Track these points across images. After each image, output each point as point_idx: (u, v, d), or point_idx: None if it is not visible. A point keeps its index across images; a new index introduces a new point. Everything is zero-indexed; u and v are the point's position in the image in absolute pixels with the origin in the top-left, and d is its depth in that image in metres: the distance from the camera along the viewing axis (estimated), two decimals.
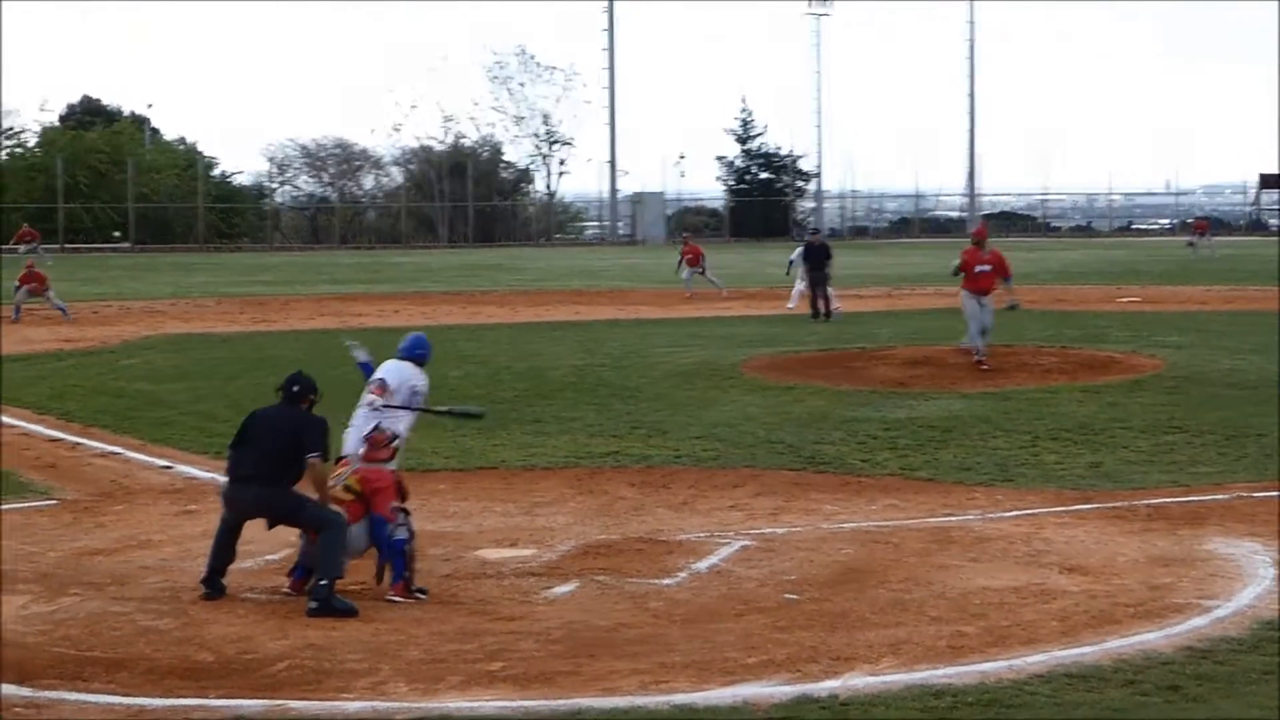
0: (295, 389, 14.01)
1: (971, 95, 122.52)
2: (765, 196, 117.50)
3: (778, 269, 51.46)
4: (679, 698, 10.86)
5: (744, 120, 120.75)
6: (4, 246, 78.56)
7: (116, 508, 17.88)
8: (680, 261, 54.52)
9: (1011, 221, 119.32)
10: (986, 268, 29.98)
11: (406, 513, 14.00)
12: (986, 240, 31.01)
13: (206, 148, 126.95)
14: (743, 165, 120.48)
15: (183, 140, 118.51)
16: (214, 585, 13.70)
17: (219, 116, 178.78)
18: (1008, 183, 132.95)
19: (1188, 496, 17.73)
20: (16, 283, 45.48)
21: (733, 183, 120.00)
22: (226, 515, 13.95)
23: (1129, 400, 25.38)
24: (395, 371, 15.41)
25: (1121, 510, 17.04)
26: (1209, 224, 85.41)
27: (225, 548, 13.83)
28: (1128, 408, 24.46)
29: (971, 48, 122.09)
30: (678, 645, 12.13)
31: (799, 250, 46.66)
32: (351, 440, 14.71)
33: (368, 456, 14.18)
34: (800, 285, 46.11)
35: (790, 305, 45.72)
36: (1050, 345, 33.25)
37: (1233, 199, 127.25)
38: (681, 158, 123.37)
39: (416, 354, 15.75)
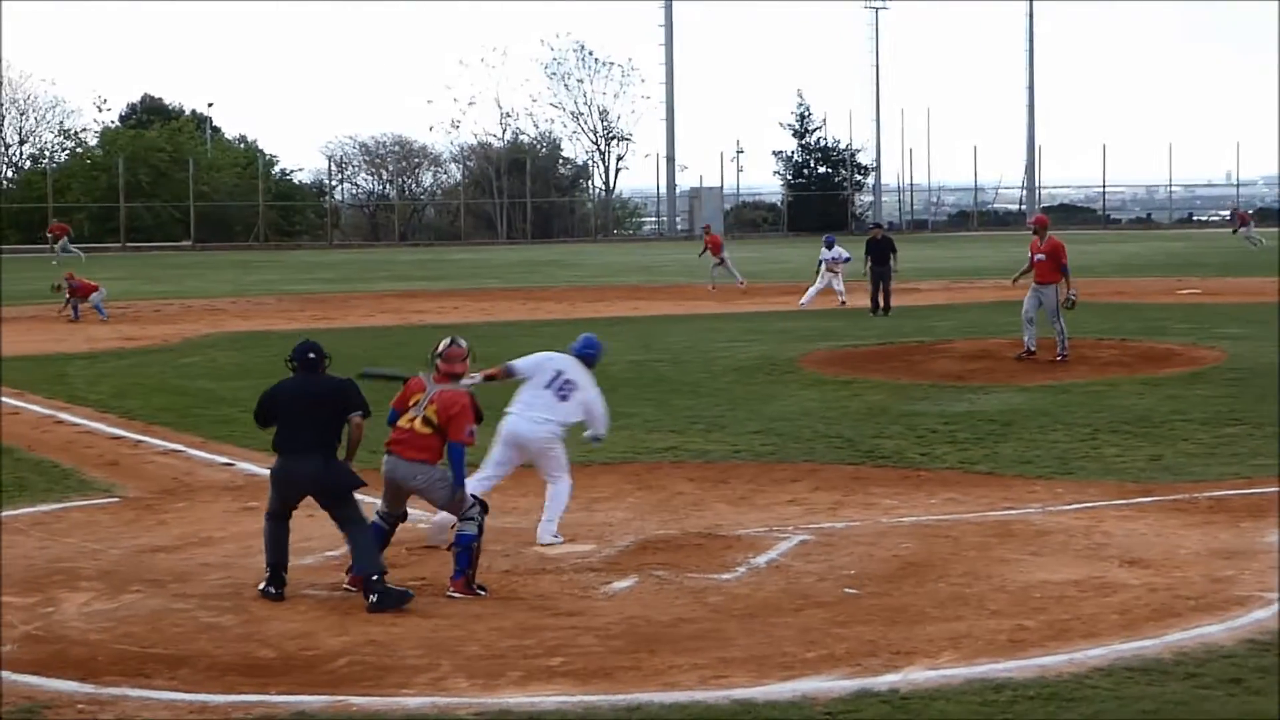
0: (312, 356, 14.02)
1: (1031, 88, 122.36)
2: (823, 191, 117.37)
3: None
4: (738, 692, 10.85)
5: (801, 114, 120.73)
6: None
7: (178, 505, 17.98)
8: (705, 250, 55.35)
9: (1071, 214, 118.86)
10: (1041, 257, 29.92)
11: (484, 509, 13.97)
12: (1044, 229, 30.85)
13: (266, 146, 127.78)
14: (800, 160, 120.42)
15: (243, 138, 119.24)
16: (278, 582, 13.69)
17: (278, 115, 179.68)
18: (1067, 175, 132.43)
19: (1249, 489, 17.62)
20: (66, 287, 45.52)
21: (790, 177, 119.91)
22: (275, 502, 13.91)
23: (1189, 392, 25.26)
24: (533, 358, 16.17)
25: (1182, 503, 16.96)
26: (1249, 215, 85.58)
27: (281, 539, 13.78)
28: (1188, 400, 24.35)
29: (1030, 39, 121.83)
30: (737, 640, 12.13)
31: (822, 251, 46.71)
32: (534, 429, 15.66)
33: (444, 371, 14.09)
34: (820, 283, 46.08)
35: (802, 302, 45.66)
36: (1110, 338, 33.14)
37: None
38: (740, 152, 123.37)
39: (586, 353, 16.23)
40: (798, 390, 26.79)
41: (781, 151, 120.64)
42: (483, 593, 13.59)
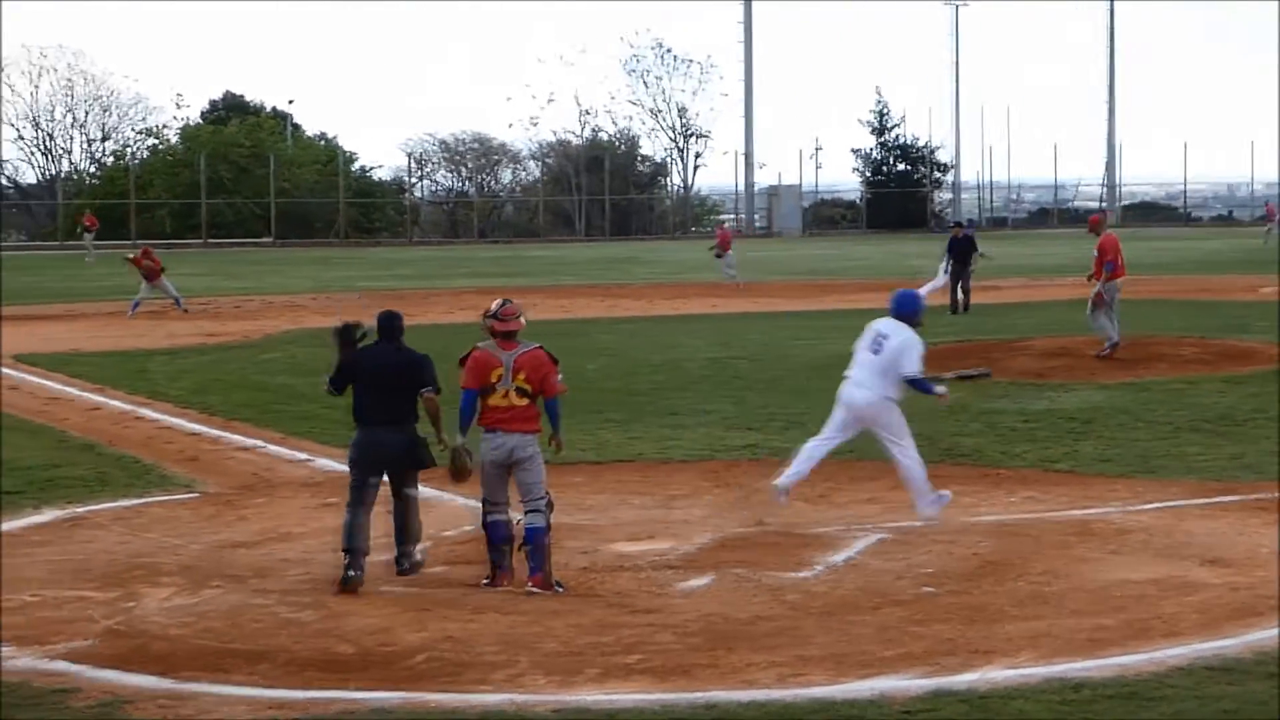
0: (395, 324, 14.30)
1: (1111, 85, 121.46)
2: (902, 188, 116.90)
3: (919, 260, 51.14)
4: (816, 691, 10.84)
5: (880, 112, 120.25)
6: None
7: (257, 501, 18.08)
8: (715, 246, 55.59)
9: (1152, 211, 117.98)
10: (1095, 254, 30.12)
11: (550, 504, 13.96)
12: (1098, 227, 31.04)
13: (346, 143, 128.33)
14: (879, 157, 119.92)
15: (323, 135, 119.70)
16: (357, 566, 13.76)
17: (358, 113, 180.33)
18: (1148, 172, 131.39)
19: None
20: (139, 270, 45.56)
21: (869, 174, 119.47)
22: (357, 482, 14.06)
23: (1271, 391, 25.03)
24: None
25: (1264, 502, 16.82)
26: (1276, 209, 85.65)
27: (363, 527, 13.90)
28: (1270, 398, 24.13)
29: (1111, 35, 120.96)
30: (814, 638, 12.12)
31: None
32: (862, 394, 16.55)
33: (501, 331, 13.98)
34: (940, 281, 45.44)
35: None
36: (1190, 335, 32.90)
37: None
38: (818, 149, 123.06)
39: (898, 308, 16.77)
40: None
41: (860, 149, 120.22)
42: (560, 589, 13.59)
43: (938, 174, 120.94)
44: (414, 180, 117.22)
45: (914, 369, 16.47)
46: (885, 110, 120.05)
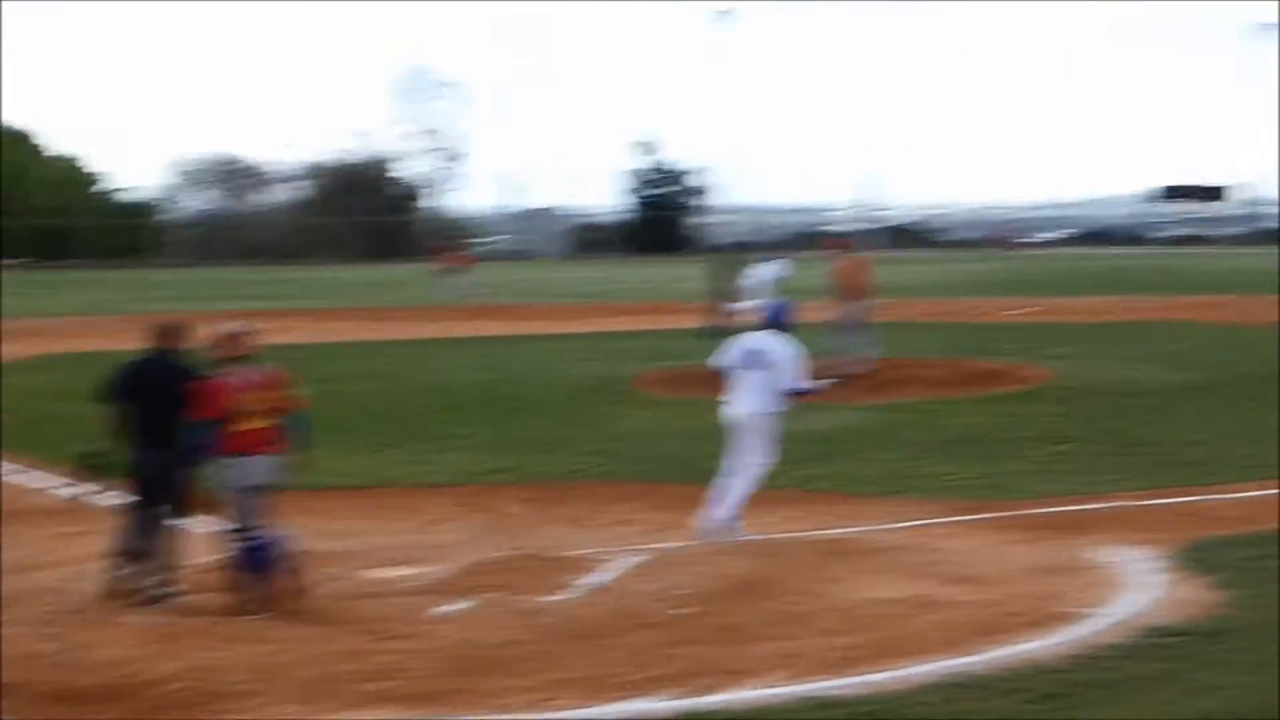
0: (174, 332, 14.16)
1: (863, 110, 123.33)
2: (663, 211, 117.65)
3: (681, 284, 51.51)
4: (568, 714, 10.85)
5: (643, 135, 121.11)
6: None
7: (2, 530, 17.66)
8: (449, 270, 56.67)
9: (902, 236, 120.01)
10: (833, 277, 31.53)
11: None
12: (838, 250, 33.08)
13: (103, 164, 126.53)
14: (642, 180, 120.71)
15: (60, 156, 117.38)
16: (145, 557, 13.77)
17: (116, 132, 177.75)
18: (900, 197, 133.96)
19: (1077, 505, 17.87)
20: None
21: (631, 197, 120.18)
22: (139, 501, 13.93)
23: (1020, 411, 25.59)
24: (730, 350, 16.88)
25: (1011, 520, 17.16)
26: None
27: (138, 538, 13.81)
28: (1018, 418, 24.66)
29: (862, 61, 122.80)
30: (568, 662, 12.10)
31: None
32: (745, 404, 16.57)
33: (234, 356, 13.79)
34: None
35: None
36: (940, 358, 33.45)
37: (1117, 210, 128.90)
38: (580, 172, 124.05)
39: (770, 319, 16.94)
40: (633, 410, 26.83)
41: (623, 171, 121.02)
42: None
43: (697, 198, 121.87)
44: (170, 201, 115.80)
45: (804, 384, 16.77)
46: (650, 135, 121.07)
